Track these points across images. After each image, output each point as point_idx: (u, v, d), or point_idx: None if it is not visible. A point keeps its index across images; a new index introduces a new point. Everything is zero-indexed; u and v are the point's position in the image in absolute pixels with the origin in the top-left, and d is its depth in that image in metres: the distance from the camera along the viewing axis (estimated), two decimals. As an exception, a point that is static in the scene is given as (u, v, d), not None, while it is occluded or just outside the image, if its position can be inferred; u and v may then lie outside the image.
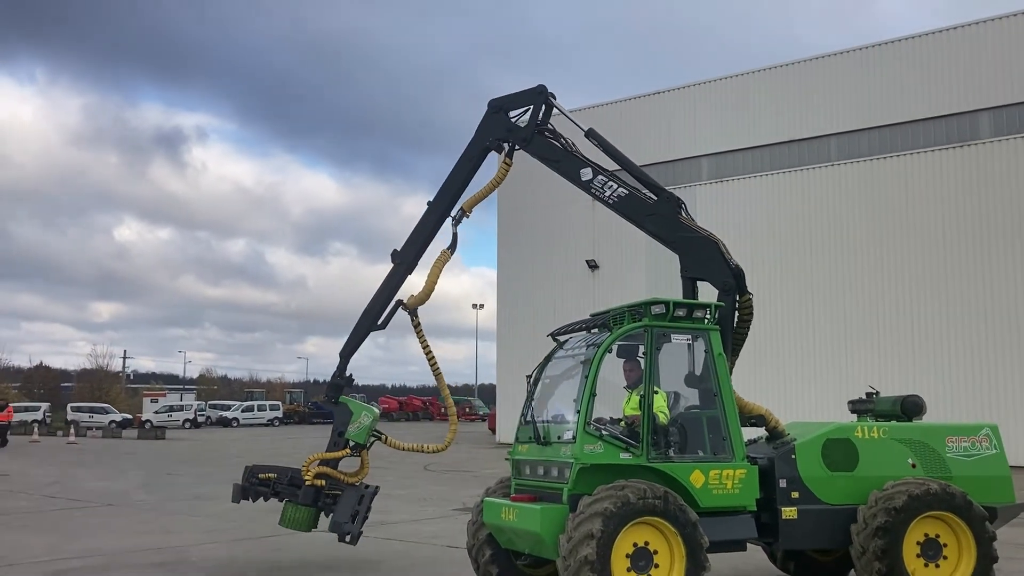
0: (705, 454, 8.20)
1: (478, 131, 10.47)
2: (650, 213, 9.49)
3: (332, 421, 10.36)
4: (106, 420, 56.90)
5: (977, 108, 27.81)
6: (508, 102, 10.52)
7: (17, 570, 10.33)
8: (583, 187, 10.02)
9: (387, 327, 10.47)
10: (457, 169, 10.47)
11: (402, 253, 10.40)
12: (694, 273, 9.26)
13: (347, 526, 9.67)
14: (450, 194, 10.42)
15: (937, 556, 8.05)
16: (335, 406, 10.32)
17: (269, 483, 10.22)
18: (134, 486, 20.46)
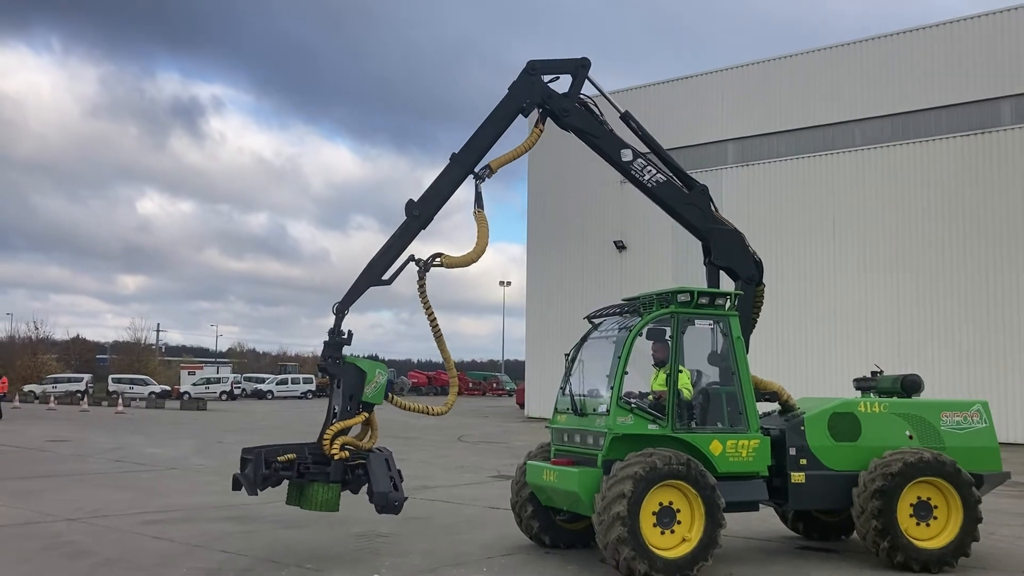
0: (723, 426, 9.28)
1: (513, 90, 10.09)
2: (687, 202, 10.40)
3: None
4: (146, 391, 58.83)
5: (998, 96, 28.40)
6: (548, 66, 10.25)
7: (113, 520, 11.67)
8: (622, 167, 10.22)
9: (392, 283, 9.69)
10: (487, 125, 10.02)
11: (420, 206, 9.74)
12: (722, 263, 10.34)
13: (395, 495, 9.05)
14: (477, 151, 9.96)
15: (928, 516, 9.11)
16: (340, 368, 9.32)
17: (292, 465, 9.09)
18: (189, 452, 21.89)
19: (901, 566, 8.91)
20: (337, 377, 9.35)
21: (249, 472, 8.97)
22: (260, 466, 8.95)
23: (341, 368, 9.32)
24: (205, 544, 10.12)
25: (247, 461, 9.08)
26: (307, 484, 9.10)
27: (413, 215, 9.72)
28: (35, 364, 70.21)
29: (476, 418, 41.22)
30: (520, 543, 10.25)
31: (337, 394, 9.39)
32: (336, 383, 9.41)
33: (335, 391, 9.44)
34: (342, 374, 9.31)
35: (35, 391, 58.12)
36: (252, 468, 8.94)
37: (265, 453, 9.08)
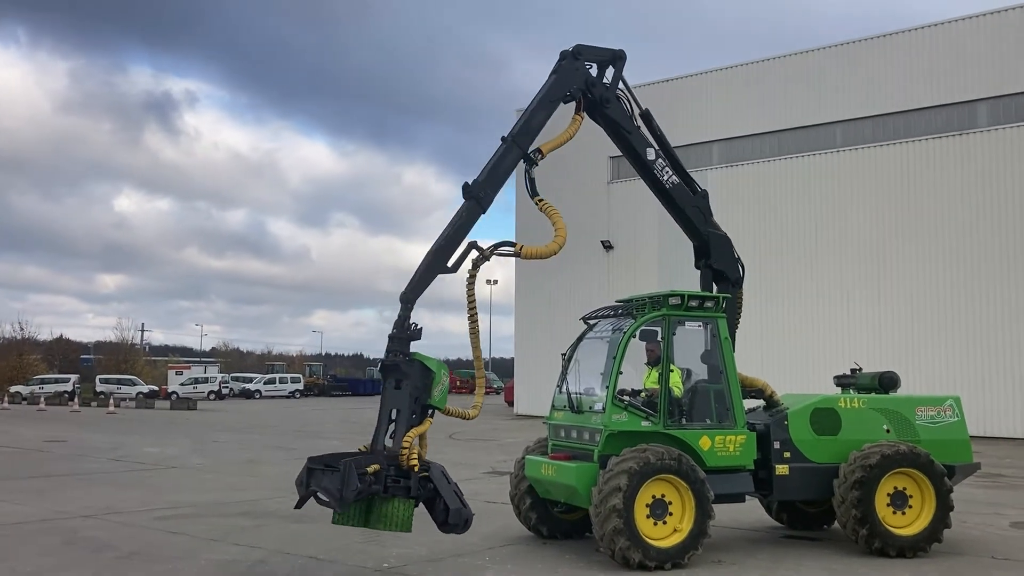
0: (712, 422, 9.81)
1: (561, 75, 9.94)
2: (693, 205, 10.91)
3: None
4: (133, 391, 58.88)
5: (975, 98, 29.17)
6: (592, 53, 10.14)
7: (126, 516, 12.11)
8: (644, 165, 10.38)
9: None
10: (538, 109, 9.79)
11: (480, 188, 9.25)
12: (719, 265, 10.90)
13: (466, 511, 8.35)
14: (532, 133, 9.68)
15: (904, 505, 9.70)
16: (408, 365, 8.39)
17: (380, 477, 8.01)
18: (186, 451, 22.27)
19: (878, 552, 9.49)
20: (400, 376, 8.40)
21: (333, 485, 7.83)
22: (353, 478, 7.79)
23: (410, 365, 8.39)
24: (219, 538, 10.58)
25: (316, 472, 8.06)
26: (381, 500, 8.09)
27: (476, 198, 9.21)
28: (20, 365, 70.07)
29: (465, 416, 41.68)
30: (519, 535, 10.76)
31: (395, 395, 8.42)
32: (396, 383, 8.45)
33: (391, 392, 8.46)
34: (410, 373, 8.37)
35: (22, 392, 58.09)
36: (342, 480, 7.79)
37: (352, 463, 7.90)
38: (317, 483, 8.02)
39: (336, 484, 7.82)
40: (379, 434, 8.39)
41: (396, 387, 8.47)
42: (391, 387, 8.52)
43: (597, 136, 11.16)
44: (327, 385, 74.00)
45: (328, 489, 7.89)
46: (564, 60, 10.02)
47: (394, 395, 8.46)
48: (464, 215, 9.18)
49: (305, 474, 8.14)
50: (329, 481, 7.92)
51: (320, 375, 77.00)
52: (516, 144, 9.57)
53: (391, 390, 8.51)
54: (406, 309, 8.70)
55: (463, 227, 9.15)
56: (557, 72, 9.99)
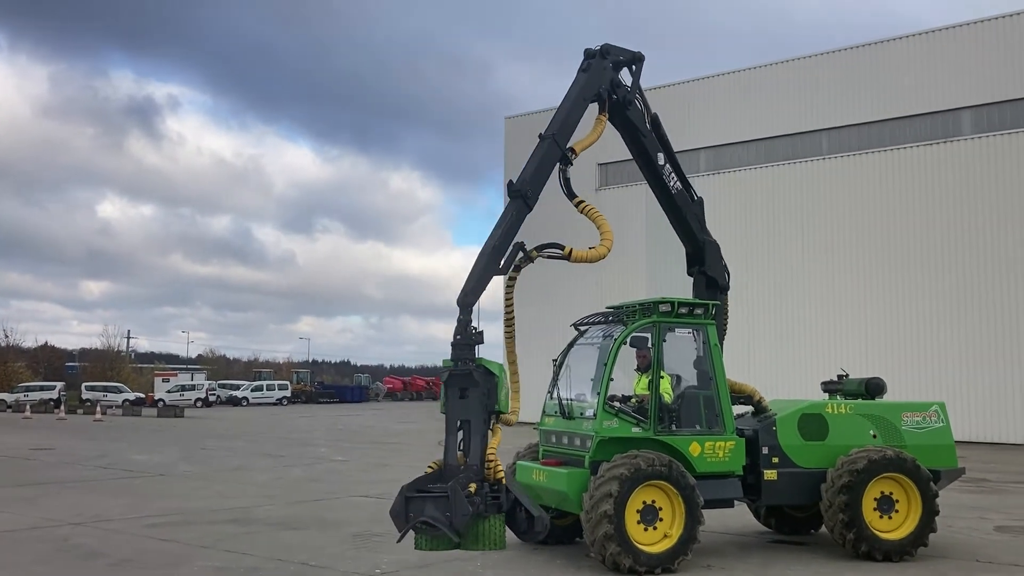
0: (701, 428, 9.91)
1: (592, 74, 9.92)
2: (693, 212, 11.03)
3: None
4: (120, 399, 58.60)
5: (959, 106, 29.50)
6: (616, 52, 10.12)
7: (116, 523, 12.10)
8: (653, 170, 10.42)
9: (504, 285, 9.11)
10: (574, 108, 9.74)
11: (527, 186, 9.17)
12: (712, 272, 11.02)
13: (545, 517, 8.32)
14: (569, 133, 9.58)
15: (890, 510, 9.82)
16: (478, 373, 8.10)
17: (481, 496, 7.83)
18: (175, 459, 22.20)
19: (865, 556, 9.60)
20: (466, 385, 8.08)
21: (440, 511, 7.60)
22: (463, 503, 7.58)
23: (480, 371, 8.11)
24: (210, 545, 10.59)
25: (416, 500, 7.77)
26: (474, 519, 7.81)
27: (524, 197, 9.12)
28: (5, 372, 69.57)
29: (453, 422, 41.70)
30: (510, 541, 10.71)
31: (462, 405, 8.10)
32: (461, 392, 8.12)
33: (456, 402, 8.12)
34: (479, 380, 8.08)
35: (7, 400, 57.69)
36: (451, 505, 7.56)
37: (460, 482, 7.71)
38: (419, 511, 7.72)
39: (443, 510, 7.61)
40: (451, 448, 8.08)
41: (462, 396, 8.15)
42: (455, 397, 8.17)
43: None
44: (314, 392, 73.89)
45: (436, 517, 7.63)
46: (592, 59, 10.01)
47: (461, 405, 8.13)
48: (514, 215, 9.06)
49: (403, 503, 7.82)
50: (435, 508, 7.68)
51: (307, 382, 76.84)
52: (555, 143, 9.48)
53: (456, 400, 8.16)
54: (466, 314, 8.46)
55: (513, 227, 9.05)
56: (587, 71, 9.96)
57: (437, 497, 7.68)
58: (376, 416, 48.73)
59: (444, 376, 8.19)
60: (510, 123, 41.56)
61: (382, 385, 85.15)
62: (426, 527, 7.73)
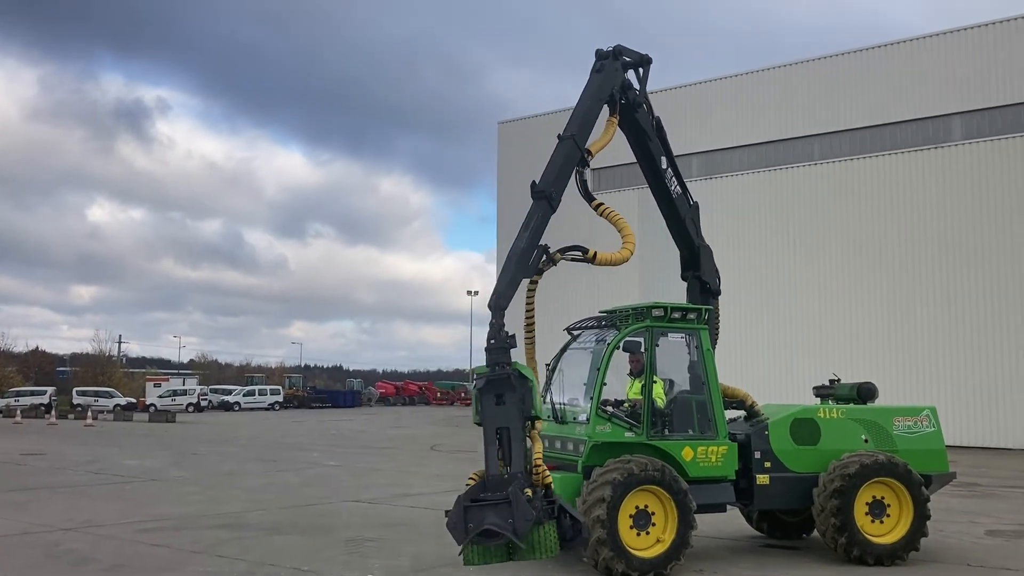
0: (694, 433, 9.93)
1: (606, 74, 9.88)
2: (690, 217, 11.07)
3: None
4: (111, 404, 58.29)
5: (949, 112, 29.67)
6: (627, 54, 10.11)
7: (107, 528, 12.05)
8: (657, 173, 10.44)
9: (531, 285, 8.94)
10: (591, 108, 9.72)
11: (551, 187, 9.09)
12: (707, 276, 11.06)
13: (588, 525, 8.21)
14: (588, 133, 9.50)
15: (882, 514, 9.85)
16: (515, 375, 7.86)
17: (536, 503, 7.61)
18: (166, 464, 22.12)
19: (857, 560, 9.64)
20: (502, 390, 7.86)
21: (502, 518, 7.35)
22: (527, 508, 7.38)
23: (518, 375, 7.89)
24: (202, 550, 10.56)
25: (473, 509, 7.51)
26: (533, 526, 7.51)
27: (548, 198, 9.02)
28: (-3, 377, 69.28)
29: (447, 427, 41.71)
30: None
31: (499, 412, 7.86)
32: (497, 398, 7.88)
33: (492, 408, 7.87)
34: (516, 385, 7.85)
35: (-3, 404, 57.36)
36: (513, 511, 7.33)
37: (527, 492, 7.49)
38: (478, 521, 7.45)
39: (505, 517, 7.38)
40: (493, 456, 7.78)
41: (498, 402, 7.88)
42: (491, 403, 7.90)
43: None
44: (307, 397, 73.66)
45: (499, 524, 7.38)
46: (605, 59, 9.99)
47: (498, 411, 7.86)
48: (540, 216, 8.97)
49: (460, 514, 7.55)
50: (495, 515, 7.42)
51: (300, 387, 76.66)
52: (576, 143, 9.41)
53: (492, 406, 7.89)
54: (500, 317, 8.28)
55: (540, 229, 8.95)
56: (600, 71, 9.92)
57: (497, 504, 7.43)
58: (368, 421, 48.64)
59: (479, 383, 7.96)
60: (503, 128, 41.64)
61: (375, 390, 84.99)
62: (486, 537, 7.46)
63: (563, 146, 9.41)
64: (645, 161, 10.55)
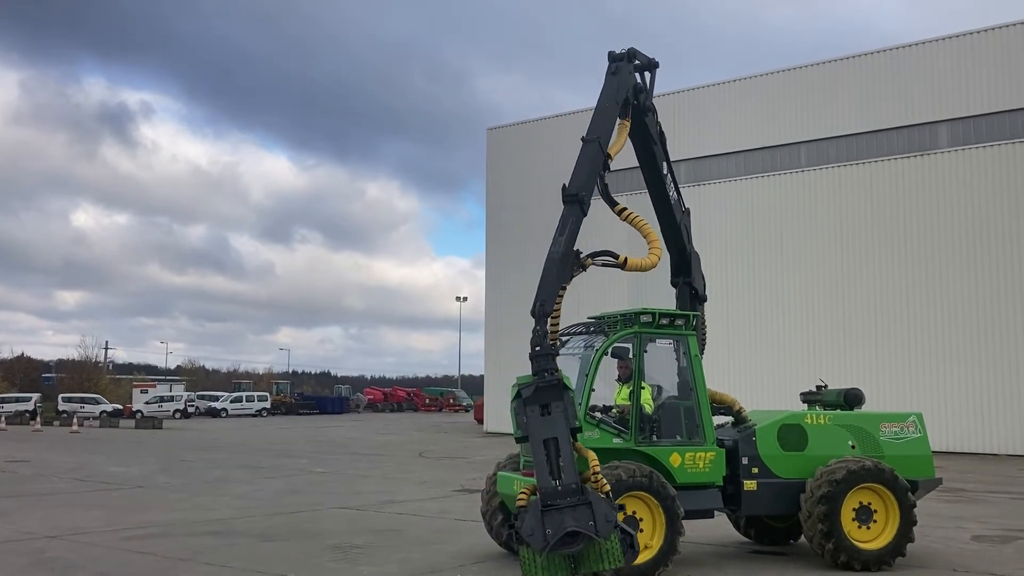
0: (682, 439, 9.95)
1: (622, 77, 9.91)
2: (684, 223, 11.14)
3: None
4: (97, 410, 57.99)
5: (936, 120, 29.87)
6: (639, 57, 10.19)
7: (93, 536, 11.97)
8: (657, 178, 10.47)
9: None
10: (610, 110, 9.73)
11: (582, 190, 9.05)
12: (697, 282, 11.10)
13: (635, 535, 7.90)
14: (609, 136, 9.52)
15: (868, 520, 9.88)
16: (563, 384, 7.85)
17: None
18: (154, 471, 22.01)
19: (844, 566, 9.65)
20: (547, 400, 7.74)
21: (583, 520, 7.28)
22: (608, 507, 7.37)
23: (564, 385, 7.85)
24: (188, 557, 10.50)
25: (550, 513, 7.33)
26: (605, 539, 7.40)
27: (581, 203, 9.01)
28: (-19, 384, 68.79)
29: (436, 434, 41.64)
30: (490, 552, 10.80)
31: (546, 422, 7.73)
32: (543, 408, 7.76)
33: (538, 419, 7.74)
34: (561, 393, 7.78)
35: (-19, 411, 56.92)
36: (592, 513, 7.30)
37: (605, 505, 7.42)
38: (557, 525, 7.27)
39: (586, 519, 7.29)
40: (544, 468, 7.61)
41: (544, 412, 7.76)
42: (536, 414, 7.76)
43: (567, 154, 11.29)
44: (294, 403, 73.47)
45: (581, 526, 7.25)
46: (619, 62, 10.03)
47: (545, 422, 7.74)
48: (574, 221, 8.97)
49: (538, 519, 7.32)
50: (576, 518, 7.30)
51: (287, 393, 76.41)
52: (599, 146, 9.40)
53: (538, 417, 7.75)
54: (544, 324, 8.25)
55: (575, 233, 8.93)
56: (616, 74, 9.94)
57: (576, 506, 7.32)
58: (356, 427, 48.51)
59: (527, 392, 7.77)
60: (492, 134, 41.68)
61: (363, 396, 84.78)
62: (566, 541, 7.28)
63: (589, 148, 9.41)
64: (648, 166, 10.58)
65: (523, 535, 7.35)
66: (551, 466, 7.58)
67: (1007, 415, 27.57)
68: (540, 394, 7.78)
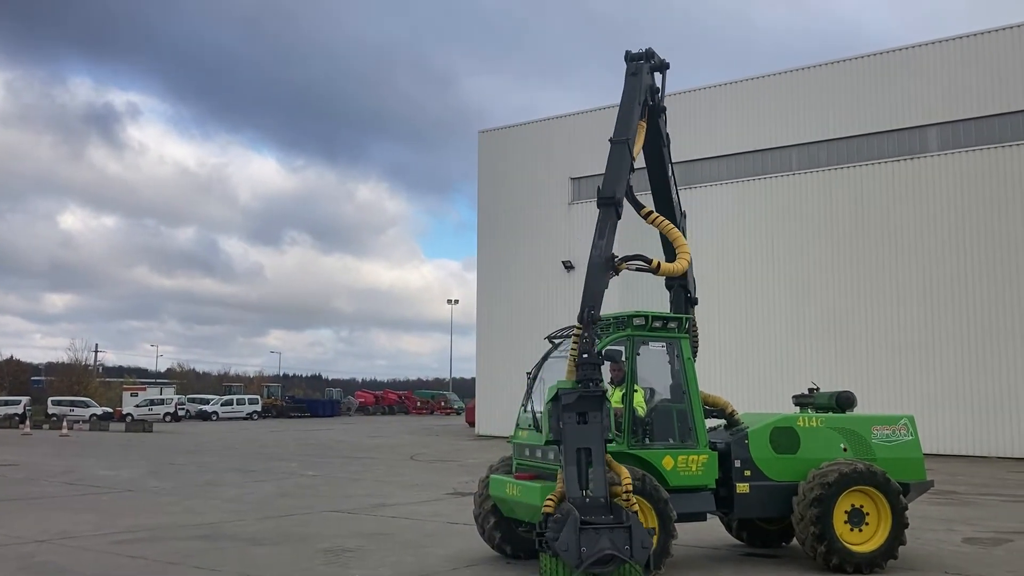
0: (675, 441, 9.94)
1: (640, 79, 10.02)
2: (683, 225, 11.24)
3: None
4: (87, 413, 57.69)
5: (926, 124, 30.02)
6: (654, 56, 10.30)
7: (82, 540, 11.88)
8: (663, 181, 10.58)
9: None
10: (634, 111, 9.84)
11: (616, 192, 9.17)
12: (690, 285, 11.11)
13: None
14: (635, 137, 9.66)
15: (860, 523, 9.89)
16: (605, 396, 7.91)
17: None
18: (143, 474, 21.90)
19: (836, 569, 9.65)
20: (585, 409, 7.72)
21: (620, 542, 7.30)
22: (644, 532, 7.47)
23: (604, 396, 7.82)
24: (178, 561, 10.43)
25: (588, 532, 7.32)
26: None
27: (617, 205, 9.16)
28: (-31, 387, 68.34)
29: (427, 436, 41.57)
30: (483, 555, 10.77)
31: (582, 431, 7.74)
32: (581, 416, 7.75)
33: (575, 427, 7.73)
34: (600, 403, 7.77)
35: (-30, 415, 56.54)
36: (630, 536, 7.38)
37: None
38: (593, 544, 7.27)
39: (623, 542, 7.30)
40: (574, 477, 7.66)
41: (581, 421, 7.76)
42: (573, 421, 7.75)
43: (559, 157, 11.29)
44: (285, 406, 73.27)
45: (617, 549, 7.28)
46: (639, 61, 10.13)
47: (581, 431, 7.73)
48: (612, 224, 9.10)
49: (575, 537, 7.27)
50: (613, 540, 7.31)
51: (278, 396, 76.19)
52: (627, 145, 9.52)
53: (574, 425, 7.74)
54: (592, 330, 8.27)
55: (613, 237, 9.06)
56: (636, 74, 10.05)
57: (613, 528, 7.35)
58: (348, 430, 48.39)
59: (568, 398, 7.71)
60: (484, 137, 41.68)
61: (354, 399, 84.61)
62: (601, 563, 7.32)
63: (618, 149, 9.50)
64: (656, 167, 10.60)
65: (556, 548, 7.29)
66: (581, 476, 7.58)
67: (998, 418, 27.68)
68: (581, 402, 7.77)
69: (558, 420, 7.78)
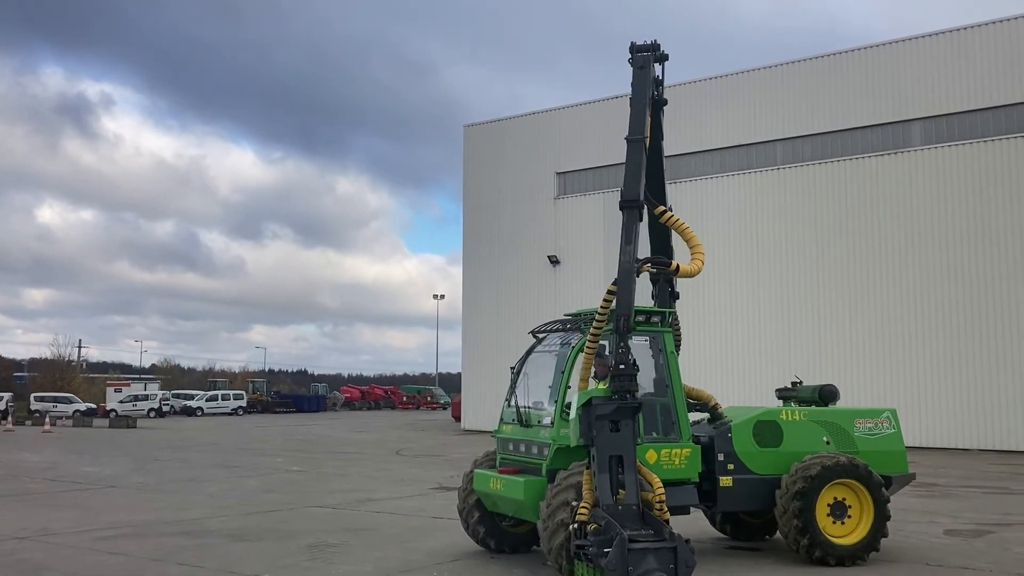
0: (658, 435, 9.94)
1: (647, 72, 10.01)
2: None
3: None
4: (70, 409, 57.37)
5: (909, 118, 30.16)
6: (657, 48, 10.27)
7: (63, 537, 11.81)
8: (659, 174, 10.53)
9: None
10: (645, 105, 9.82)
11: (638, 193, 9.16)
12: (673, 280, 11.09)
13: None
14: (648, 133, 9.63)
15: (843, 515, 9.94)
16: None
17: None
18: (127, 470, 21.78)
19: (819, 561, 9.70)
20: (619, 417, 7.79)
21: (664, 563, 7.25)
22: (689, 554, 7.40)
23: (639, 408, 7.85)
24: (161, 558, 10.38)
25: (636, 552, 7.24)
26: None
27: (641, 206, 9.14)
28: (-50, 383, 67.80)
29: (413, 431, 41.52)
30: (466, 550, 10.77)
31: (614, 439, 7.80)
32: (614, 425, 7.81)
33: (608, 435, 7.79)
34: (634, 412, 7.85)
35: (-48, 411, 56.10)
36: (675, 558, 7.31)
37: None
38: (638, 563, 7.22)
39: (668, 563, 7.30)
40: (606, 484, 7.71)
41: (614, 429, 7.84)
42: (606, 429, 7.83)
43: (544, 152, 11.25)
44: (270, 402, 73.01)
45: (662, 570, 7.24)
46: (645, 52, 10.11)
47: (614, 439, 7.83)
48: (636, 227, 9.07)
49: (623, 557, 7.20)
50: (658, 561, 7.28)
51: (263, 391, 75.92)
52: (641, 143, 9.50)
53: (607, 432, 7.83)
54: (627, 339, 8.35)
55: (638, 239, 9.02)
56: (644, 67, 10.02)
57: (659, 549, 7.33)
58: (333, 426, 48.28)
59: (603, 408, 7.80)
60: (469, 131, 41.58)
61: (340, 394, 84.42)
62: None
63: (635, 149, 9.46)
64: (655, 160, 10.56)
65: (603, 566, 7.26)
66: (613, 484, 7.69)
67: (979, 411, 27.88)
68: (616, 413, 7.86)
69: (589, 426, 7.84)
